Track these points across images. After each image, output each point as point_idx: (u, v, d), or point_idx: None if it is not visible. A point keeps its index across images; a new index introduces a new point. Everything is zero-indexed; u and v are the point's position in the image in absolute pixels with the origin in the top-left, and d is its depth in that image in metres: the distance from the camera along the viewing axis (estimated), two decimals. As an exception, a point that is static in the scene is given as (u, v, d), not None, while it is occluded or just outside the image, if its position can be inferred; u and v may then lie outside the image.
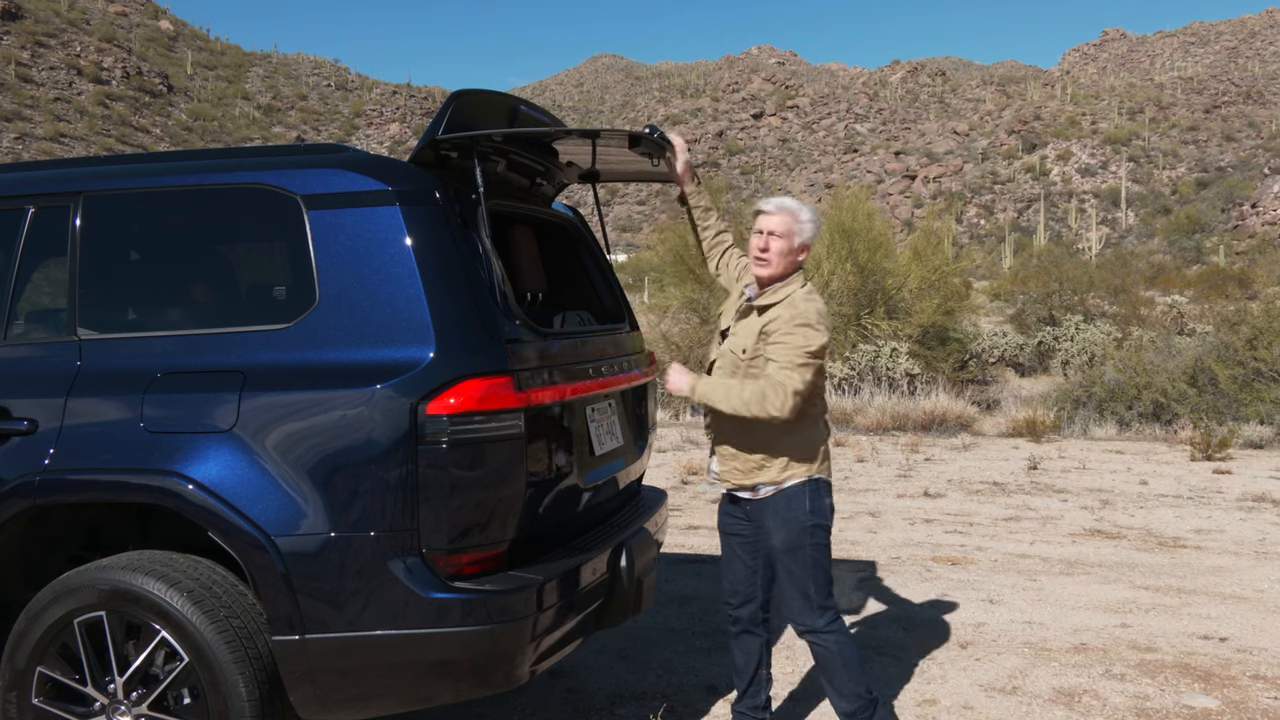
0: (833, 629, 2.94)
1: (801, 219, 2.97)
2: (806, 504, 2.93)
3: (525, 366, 2.64)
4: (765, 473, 2.94)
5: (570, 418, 2.90)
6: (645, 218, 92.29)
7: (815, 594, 2.93)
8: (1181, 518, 6.71)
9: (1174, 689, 3.73)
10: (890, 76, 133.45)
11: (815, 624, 2.93)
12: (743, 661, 3.16)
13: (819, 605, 2.93)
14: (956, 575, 5.30)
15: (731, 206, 16.02)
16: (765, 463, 2.94)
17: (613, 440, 3.21)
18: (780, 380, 2.81)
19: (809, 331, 2.85)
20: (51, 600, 2.57)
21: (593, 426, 3.06)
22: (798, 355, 2.83)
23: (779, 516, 2.94)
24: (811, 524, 2.93)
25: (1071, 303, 20.58)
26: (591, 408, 3.07)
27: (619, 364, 3.28)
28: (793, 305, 2.90)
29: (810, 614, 2.94)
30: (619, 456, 3.26)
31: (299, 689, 2.51)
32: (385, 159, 2.79)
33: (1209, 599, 4.86)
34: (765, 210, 3.00)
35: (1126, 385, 11.46)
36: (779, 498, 2.94)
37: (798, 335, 2.84)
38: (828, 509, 2.98)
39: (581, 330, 3.25)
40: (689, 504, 7.21)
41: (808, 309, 2.89)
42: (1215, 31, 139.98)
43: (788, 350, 2.84)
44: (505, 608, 2.49)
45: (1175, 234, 66.02)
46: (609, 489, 3.23)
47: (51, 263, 2.90)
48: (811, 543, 2.93)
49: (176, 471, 2.49)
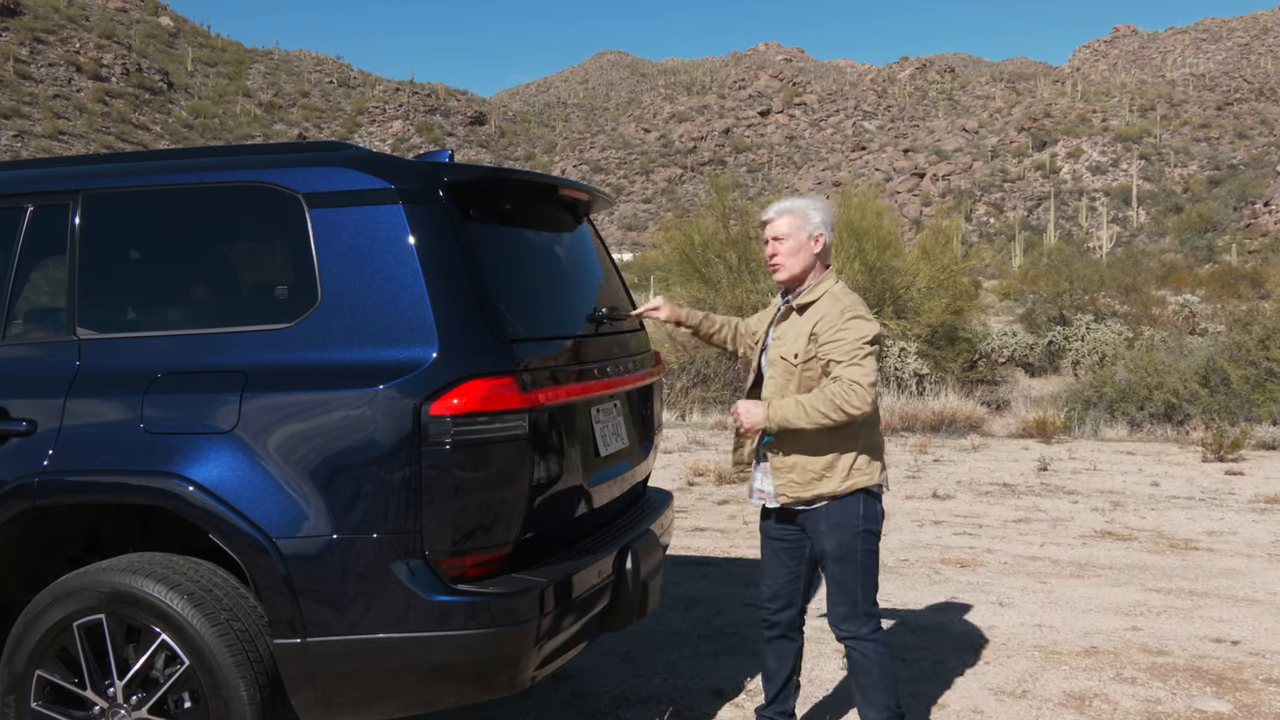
0: (875, 637, 2.94)
1: (803, 212, 2.96)
2: (860, 509, 2.91)
3: (529, 366, 2.61)
4: (826, 483, 2.89)
5: (575, 418, 2.87)
6: (651, 216, 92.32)
7: (863, 600, 2.92)
8: (1193, 519, 6.65)
9: (1186, 693, 3.69)
10: (899, 73, 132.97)
11: (858, 631, 2.93)
12: (775, 666, 3.14)
13: (864, 612, 2.93)
14: (965, 578, 5.26)
15: (738, 205, 15.90)
16: (827, 472, 2.88)
17: (618, 441, 3.18)
18: (852, 378, 2.79)
19: (861, 322, 2.84)
20: (50, 603, 2.55)
21: (598, 427, 3.03)
22: (858, 348, 2.81)
23: (831, 520, 2.92)
24: (863, 529, 2.91)
25: (1082, 302, 20.46)
26: (597, 408, 3.04)
27: (625, 364, 3.25)
28: (835, 300, 2.90)
29: (855, 620, 2.93)
30: (625, 458, 3.23)
31: (301, 693, 2.49)
32: (388, 157, 2.77)
33: (1221, 602, 4.81)
34: (766, 219, 3.02)
35: (1138, 385, 11.37)
36: (834, 505, 2.92)
37: (851, 328, 2.83)
38: (879, 514, 2.97)
39: (587, 335, 3.22)
40: (695, 506, 7.18)
41: (852, 301, 2.89)
42: (1227, 28, 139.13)
43: (847, 345, 2.82)
44: (509, 610, 2.47)
45: (1187, 232, 65.66)
46: (614, 490, 3.20)
47: (50, 262, 2.87)
48: (863, 549, 2.92)
49: (177, 473, 2.47)
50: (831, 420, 2.78)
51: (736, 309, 13.71)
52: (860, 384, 2.77)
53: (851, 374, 2.79)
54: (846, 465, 2.88)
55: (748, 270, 14.52)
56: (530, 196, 3.07)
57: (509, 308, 2.68)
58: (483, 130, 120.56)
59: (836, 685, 3.79)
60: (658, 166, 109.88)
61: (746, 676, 3.86)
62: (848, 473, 2.88)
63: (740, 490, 7.67)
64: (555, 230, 3.26)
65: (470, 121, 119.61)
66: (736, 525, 6.57)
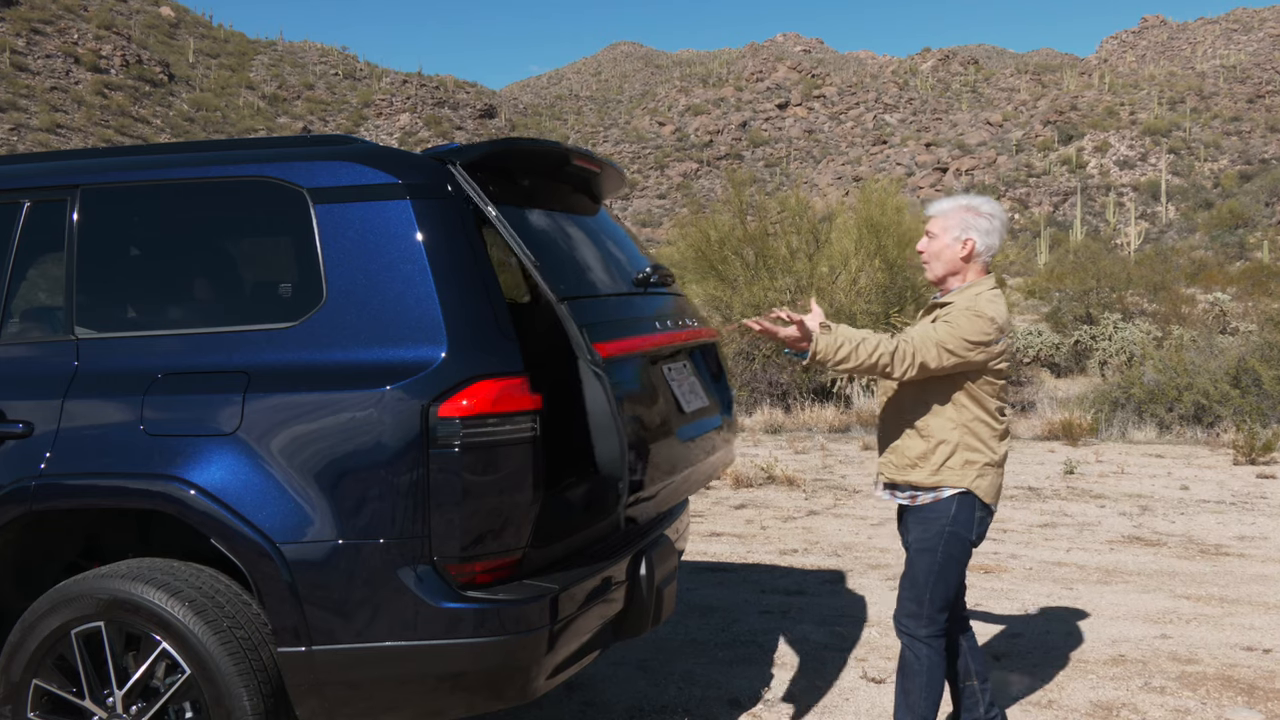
0: (932, 643, 2.92)
1: (958, 213, 2.94)
2: (953, 509, 2.89)
3: (589, 321, 2.59)
4: (917, 472, 2.90)
5: (645, 374, 2.87)
6: (665, 212, 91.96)
7: (930, 602, 2.91)
8: (1224, 524, 6.50)
9: (1216, 702, 3.61)
10: (921, 65, 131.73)
11: (917, 631, 2.92)
12: (946, 673, 3.10)
13: (928, 615, 2.91)
14: (990, 584, 5.16)
15: (755, 200, 15.76)
16: (920, 461, 2.90)
17: (698, 400, 3.23)
18: (918, 345, 2.76)
19: (979, 321, 2.80)
20: (48, 610, 2.49)
21: (673, 384, 3.06)
22: (952, 337, 2.79)
23: (923, 513, 2.93)
24: (950, 530, 2.89)
25: (1109, 300, 20.15)
26: (668, 366, 3.05)
27: (680, 320, 3.28)
28: (972, 299, 2.88)
29: (917, 620, 2.92)
30: (709, 414, 3.29)
31: (305, 702, 2.44)
32: (395, 151, 2.70)
33: (1253, 609, 4.70)
34: (929, 213, 3.01)
35: (1166, 386, 11.16)
36: (929, 499, 2.92)
37: (964, 319, 2.81)
38: (972, 522, 2.92)
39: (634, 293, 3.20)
40: (711, 510, 7.10)
41: (987, 306, 2.86)
42: (1259, 18, 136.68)
43: (945, 328, 2.81)
44: (520, 618, 2.40)
45: (1217, 229, 64.60)
46: (706, 446, 3.24)
47: (48, 259, 2.83)
48: (944, 549, 2.90)
49: (178, 476, 2.42)
50: (871, 363, 2.75)
51: (754, 307, 13.59)
52: (919, 353, 2.75)
53: (922, 343, 2.76)
54: (939, 460, 2.88)
55: (765, 268, 14.37)
56: (546, 168, 3.03)
57: (548, 269, 2.62)
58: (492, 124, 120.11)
59: (855, 694, 3.69)
60: (673, 161, 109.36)
61: (764, 686, 3.79)
62: (939, 467, 2.88)
63: (757, 495, 7.60)
64: (578, 195, 3.25)
65: (480, 114, 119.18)
66: (754, 530, 6.49)
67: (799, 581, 5.23)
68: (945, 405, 2.88)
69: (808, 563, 5.62)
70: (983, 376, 2.89)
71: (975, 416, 2.89)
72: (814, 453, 9.69)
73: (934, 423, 2.88)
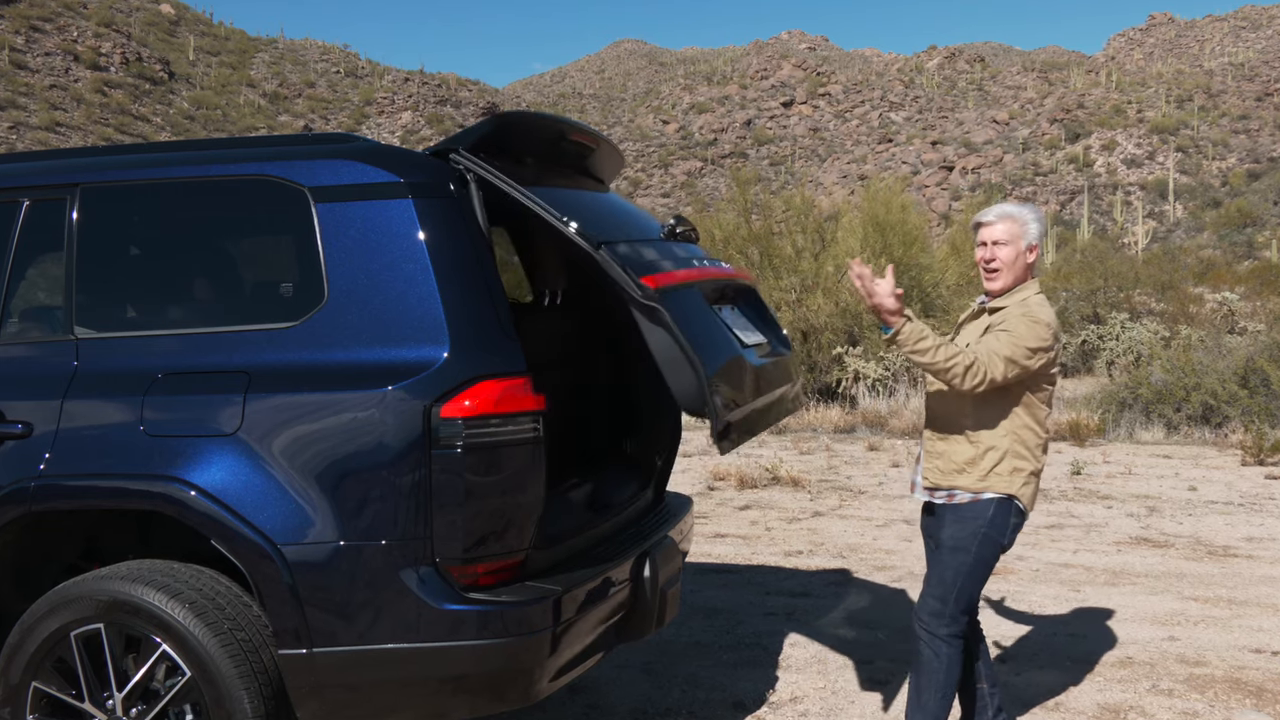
0: (951, 642, 2.92)
1: (1025, 220, 2.94)
2: (990, 512, 2.89)
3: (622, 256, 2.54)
4: (964, 477, 2.90)
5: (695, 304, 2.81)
6: (670, 211, 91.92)
7: (955, 602, 2.91)
8: (1232, 525, 6.46)
9: (1224, 705, 3.59)
10: (926, 63, 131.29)
11: (937, 629, 2.91)
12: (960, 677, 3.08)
13: (951, 614, 2.91)
14: (996, 585, 5.13)
15: (760, 199, 15.71)
16: (969, 466, 2.89)
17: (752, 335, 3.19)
18: (984, 360, 2.75)
19: (1037, 327, 2.80)
20: (47, 612, 2.48)
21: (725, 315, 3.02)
22: (1013, 346, 2.78)
23: (959, 513, 2.92)
24: (984, 531, 2.88)
25: (1117, 300, 20.06)
26: (719, 305, 3.02)
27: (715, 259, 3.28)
28: (1026, 305, 2.88)
29: (940, 619, 2.91)
30: (766, 351, 3.24)
31: (306, 705, 2.43)
32: (397, 149, 2.69)
33: (1261, 611, 4.66)
34: (985, 221, 2.96)
35: (1174, 386, 11.09)
36: (967, 500, 2.90)
37: (1022, 325, 2.80)
38: (1008, 527, 2.91)
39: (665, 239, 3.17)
40: (715, 511, 7.07)
41: (1041, 311, 2.86)
42: (1268, 15, 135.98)
43: (1007, 337, 2.81)
44: (523, 620, 2.39)
45: (1225, 228, 64.27)
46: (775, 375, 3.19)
47: (47, 258, 2.82)
48: (976, 550, 2.89)
49: (178, 477, 2.41)
50: (944, 366, 2.74)
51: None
52: (986, 369, 2.74)
53: (988, 358, 2.75)
54: (988, 465, 2.87)
55: (770, 267, 14.33)
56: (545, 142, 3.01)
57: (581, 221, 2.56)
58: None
59: (861, 697, 3.67)
60: (677, 159, 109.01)
61: (768, 688, 3.77)
62: (987, 473, 2.88)
63: (761, 496, 7.57)
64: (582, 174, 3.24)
65: (482, 113, 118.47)
66: (758, 531, 6.46)
67: (804, 583, 5.20)
68: (998, 412, 2.87)
69: (813, 564, 5.59)
70: (1039, 383, 2.89)
71: (1025, 424, 2.89)
72: (819, 453, 9.65)
73: (985, 428, 2.88)
